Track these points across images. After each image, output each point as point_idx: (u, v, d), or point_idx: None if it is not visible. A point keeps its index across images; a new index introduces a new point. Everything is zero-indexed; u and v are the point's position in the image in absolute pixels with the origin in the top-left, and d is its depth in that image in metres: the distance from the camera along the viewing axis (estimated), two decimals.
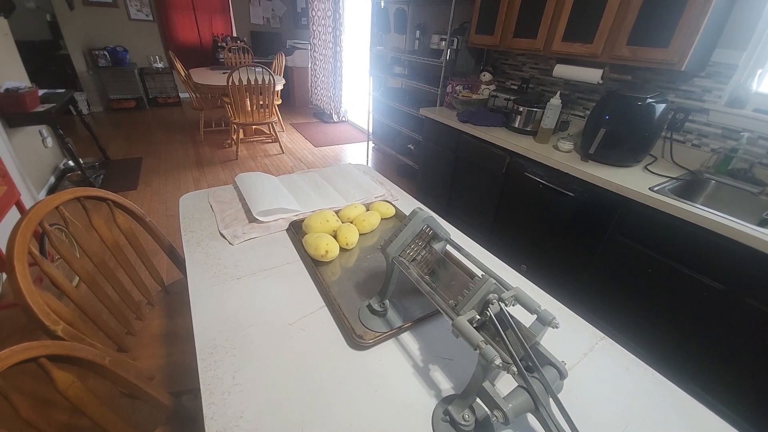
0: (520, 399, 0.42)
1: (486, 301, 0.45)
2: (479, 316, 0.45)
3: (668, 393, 0.53)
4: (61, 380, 0.52)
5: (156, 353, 0.90)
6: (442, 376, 0.54)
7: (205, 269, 0.73)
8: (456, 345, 0.59)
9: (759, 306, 1.03)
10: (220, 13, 5.38)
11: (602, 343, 0.61)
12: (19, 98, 2.20)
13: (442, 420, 0.47)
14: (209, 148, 3.69)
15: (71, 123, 3.93)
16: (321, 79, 4.96)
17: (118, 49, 4.62)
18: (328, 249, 0.74)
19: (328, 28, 4.43)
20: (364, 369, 0.54)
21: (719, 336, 1.14)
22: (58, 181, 2.83)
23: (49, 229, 0.80)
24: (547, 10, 1.69)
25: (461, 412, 0.45)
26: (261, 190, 0.98)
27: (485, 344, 0.41)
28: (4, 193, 1.53)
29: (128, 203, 0.97)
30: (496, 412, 0.41)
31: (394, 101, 3.03)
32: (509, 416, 0.40)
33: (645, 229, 1.25)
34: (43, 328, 0.65)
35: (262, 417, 0.47)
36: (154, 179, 2.99)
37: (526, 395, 0.42)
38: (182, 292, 1.09)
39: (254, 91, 3.14)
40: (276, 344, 0.57)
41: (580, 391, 0.53)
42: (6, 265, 0.65)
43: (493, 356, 0.39)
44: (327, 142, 4.13)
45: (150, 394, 0.64)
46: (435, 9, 2.81)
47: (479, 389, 0.43)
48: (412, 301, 0.65)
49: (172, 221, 2.38)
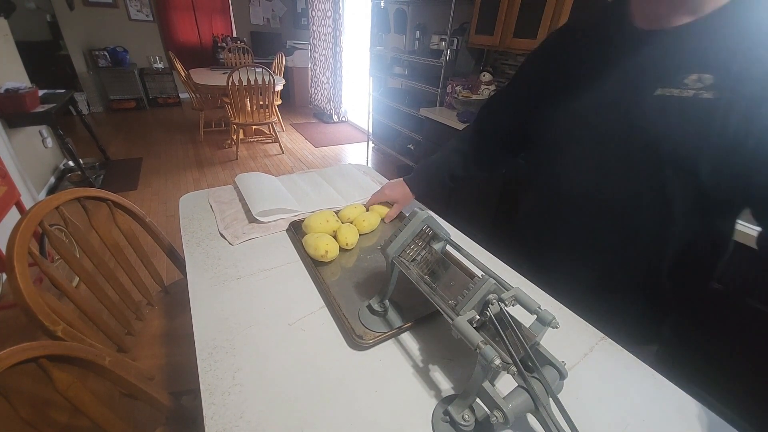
0: (520, 399, 0.42)
1: (486, 302, 0.45)
2: (479, 317, 0.45)
3: (668, 393, 0.53)
4: (61, 380, 0.52)
5: (156, 353, 0.90)
6: (442, 377, 0.54)
7: (205, 269, 0.73)
8: (456, 345, 0.59)
9: (758, 306, 1.03)
10: (220, 14, 5.38)
11: (602, 343, 0.61)
12: (19, 98, 2.20)
13: (442, 420, 0.47)
14: (209, 149, 3.70)
15: (71, 123, 3.93)
16: (321, 80, 4.96)
17: (118, 49, 4.62)
18: (328, 249, 0.74)
19: (328, 28, 4.43)
20: (364, 369, 0.54)
21: (719, 336, 1.14)
22: (58, 181, 2.84)
23: (49, 230, 0.80)
24: (547, 10, 1.69)
25: (461, 413, 0.45)
26: (261, 190, 0.98)
27: (485, 344, 0.41)
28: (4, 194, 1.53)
29: (128, 203, 0.97)
30: (496, 412, 0.41)
31: (394, 101, 3.03)
32: (509, 416, 0.40)
33: None
34: (43, 328, 0.65)
35: (262, 417, 0.47)
36: (154, 179, 2.99)
37: (526, 395, 0.42)
38: (182, 292, 1.09)
39: (254, 91, 3.14)
40: (276, 344, 0.57)
41: (580, 391, 0.52)
42: (6, 266, 0.65)
43: (493, 356, 0.39)
44: (327, 142, 4.13)
45: (150, 395, 0.64)
46: (435, 9, 2.81)
47: (479, 389, 0.43)
48: (412, 301, 0.65)
49: (172, 221, 2.39)
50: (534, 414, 0.42)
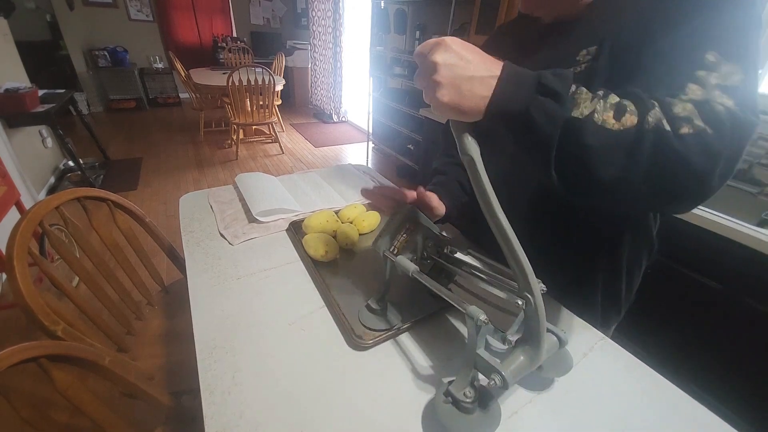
0: (517, 361, 0.43)
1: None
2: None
3: (668, 393, 0.53)
4: (61, 380, 0.52)
5: (156, 353, 0.90)
6: (442, 376, 0.54)
7: (204, 269, 0.73)
8: (456, 345, 0.59)
9: (758, 306, 1.03)
10: (220, 14, 5.38)
11: (602, 344, 0.61)
12: (18, 98, 2.19)
13: (444, 403, 0.46)
14: (209, 149, 3.69)
15: (71, 123, 3.93)
16: (321, 80, 4.96)
17: (118, 49, 4.62)
18: (327, 249, 0.74)
19: (328, 28, 4.43)
20: (364, 369, 0.54)
21: (719, 336, 1.14)
22: (58, 181, 2.83)
23: (49, 230, 0.80)
24: None
25: (462, 390, 0.45)
26: (261, 190, 0.98)
27: (470, 305, 0.43)
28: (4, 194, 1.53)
29: (128, 203, 0.97)
30: (494, 376, 0.41)
31: (394, 102, 3.03)
32: (508, 379, 0.41)
33: None
34: (43, 328, 0.65)
35: (262, 417, 0.47)
36: (154, 179, 2.99)
37: (522, 357, 0.44)
38: (182, 292, 1.09)
39: (254, 91, 3.14)
40: (276, 344, 0.57)
41: (580, 391, 0.53)
42: (6, 266, 0.65)
43: (478, 313, 0.42)
44: (327, 142, 4.13)
45: (150, 394, 0.64)
46: (435, 9, 2.81)
47: (475, 358, 0.44)
48: (412, 301, 0.65)
49: (172, 221, 2.38)
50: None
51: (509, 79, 0.37)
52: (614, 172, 0.35)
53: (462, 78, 0.36)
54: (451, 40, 0.37)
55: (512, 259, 0.41)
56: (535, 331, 0.43)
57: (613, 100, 0.36)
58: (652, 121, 0.34)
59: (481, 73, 0.37)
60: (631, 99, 0.36)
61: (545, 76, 0.36)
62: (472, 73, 0.36)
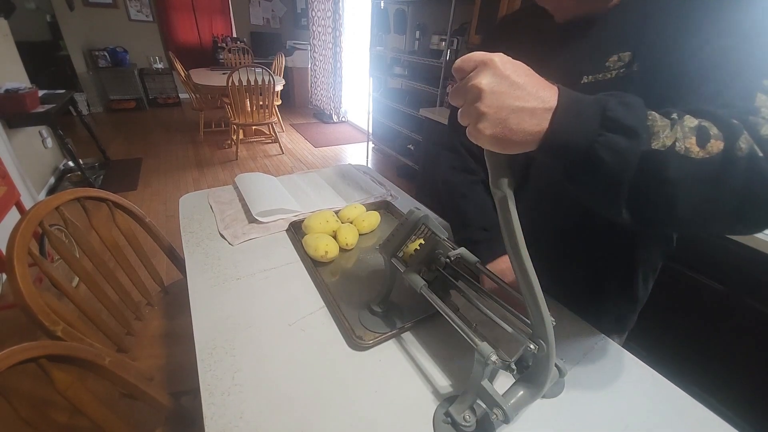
0: (519, 395, 0.42)
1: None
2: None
3: (668, 393, 0.53)
4: (61, 380, 0.52)
5: (155, 354, 0.90)
6: (442, 377, 0.54)
7: (204, 269, 0.73)
8: (456, 345, 0.59)
9: (759, 307, 1.03)
10: (220, 14, 5.38)
11: (602, 343, 0.61)
12: (19, 99, 2.19)
13: (443, 422, 0.47)
14: (209, 149, 3.69)
15: (71, 123, 3.92)
16: (321, 80, 4.96)
17: (118, 49, 4.62)
18: (327, 249, 0.74)
19: (328, 28, 4.43)
20: (364, 369, 0.54)
21: (719, 336, 1.14)
22: (58, 181, 2.83)
23: (48, 230, 0.80)
24: None
25: (462, 413, 0.45)
26: (261, 190, 0.98)
27: (481, 341, 0.41)
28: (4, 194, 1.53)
29: (128, 204, 0.97)
30: (496, 410, 0.41)
31: (394, 102, 3.03)
32: (509, 414, 0.40)
33: None
34: (43, 328, 0.65)
35: (262, 417, 0.47)
36: (154, 180, 2.99)
37: (524, 391, 0.43)
38: (182, 292, 1.09)
39: (254, 91, 3.14)
40: (276, 344, 0.57)
41: (580, 391, 0.53)
42: (6, 266, 0.65)
43: (489, 353, 0.40)
44: (327, 142, 4.13)
45: (149, 395, 0.64)
46: (435, 9, 2.81)
47: (478, 388, 0.43)
48: (412, 301, 0.65)
49: (172, 222, 2.38)
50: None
51: (568, 110, 0.31)
52: (699, 203, 0.32)
53: (510, 109, 0.31)
54: (500, 61, 0.31)
55: (531, 302, 0.38)
56: (542, 373, 0.42)
57: (691, 123, 0.32)
58: (745, 147, 0.30)
59: (532, 104, 0.31)
60: (710, 120, 0.32)
61: (611, 107, 0.31)
62: (523, 104, 0.31)
